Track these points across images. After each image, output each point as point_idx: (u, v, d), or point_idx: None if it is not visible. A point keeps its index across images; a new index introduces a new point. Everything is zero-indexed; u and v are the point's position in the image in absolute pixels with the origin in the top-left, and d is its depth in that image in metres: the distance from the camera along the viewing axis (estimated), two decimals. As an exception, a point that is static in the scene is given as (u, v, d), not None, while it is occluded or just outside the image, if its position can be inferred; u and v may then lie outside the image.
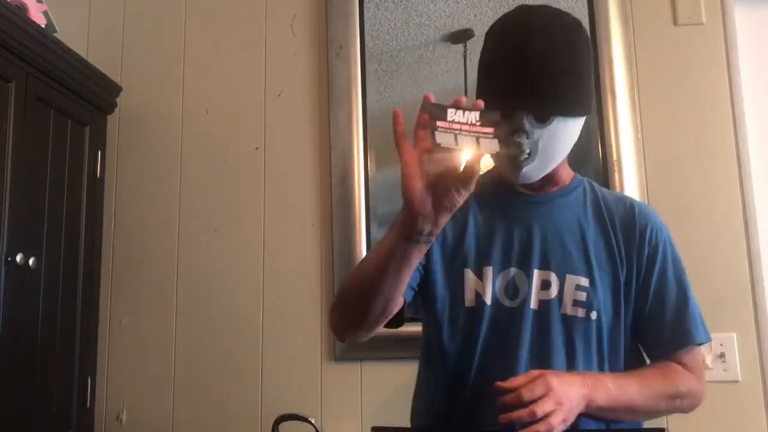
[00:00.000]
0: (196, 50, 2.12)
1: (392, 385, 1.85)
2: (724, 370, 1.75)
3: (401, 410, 1.82)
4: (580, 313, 1.10)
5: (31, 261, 1.63)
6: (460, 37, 1.98)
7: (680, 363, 1.14)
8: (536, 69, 1.04)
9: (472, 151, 0.84)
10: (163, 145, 2.08)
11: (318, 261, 1.95)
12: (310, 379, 1.90)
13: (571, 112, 1.07)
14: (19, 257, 1.59)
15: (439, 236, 1.07)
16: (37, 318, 1.69)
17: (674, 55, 1.90)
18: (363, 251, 1.91)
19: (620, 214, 1.17)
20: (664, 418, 1.75)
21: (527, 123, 1.04)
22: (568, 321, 1.10)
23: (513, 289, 1.11)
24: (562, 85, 1.05)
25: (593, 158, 1.89)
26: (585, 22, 1.92)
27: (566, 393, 0.95)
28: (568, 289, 1.10)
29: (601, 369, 1.10)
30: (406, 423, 1.38)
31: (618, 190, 1.83)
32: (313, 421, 1.80)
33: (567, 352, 1.09)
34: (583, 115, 1.10)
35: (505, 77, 1.06)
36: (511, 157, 1.06)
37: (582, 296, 1.10)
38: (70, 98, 1.86)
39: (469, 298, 1.11)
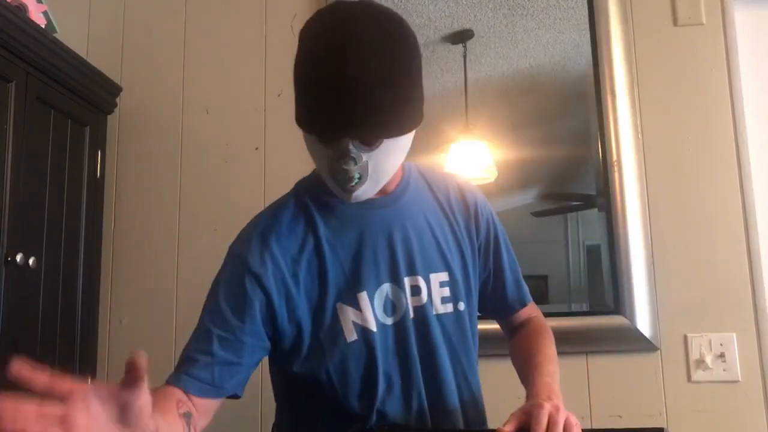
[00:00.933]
0: (196, 50, 2.12)
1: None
2: (724, 370, 1.75)
3: (401, 410, 1.82)
4: (450, 308, 1.11)
5: (31, 261, 1.63)
6: (460, 37, 1.98)
7: (527, 315, 1.27)
8: (359, 95, 0.90)
9: None
10: (163, 145, 2.08)
11: (318, 261, 1.95)
12: (310, 379, 1.89)
13: (400, 131, 0.98)
14: (19, 257, 1.59)
15: (293, 283, 1.02)
16: (37, 318, 1.69)
17: (674, 56, 1.90)
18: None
19: (452, 196, 1.18)
20: (664, 417, 1.76)
21: (353, 148, 0.94)
22: (441, 320, 1.11)
23: (391, 306, 1.07)
24: (389, 109, 0.94)
25: (593, 158, 1.89)
26: (585, 22, 1.92)
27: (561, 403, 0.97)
28: (434, 288, 1.10)
29: (474, 355, 1.16)
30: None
31: (618, 190, 1.84)
32: (313, 421, 1.80)
33: (449, 350, 1.11)
34: (414, 128, 1.02)
35: (325, 102, 0.92)
36: (341, 182, 0.97)
37: (446, 291, 1.11)
38: (70, 98, 1.86)
39: (348, 333, 1.03)
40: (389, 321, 1.07)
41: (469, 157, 1.96)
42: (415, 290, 1.09)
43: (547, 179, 1.94)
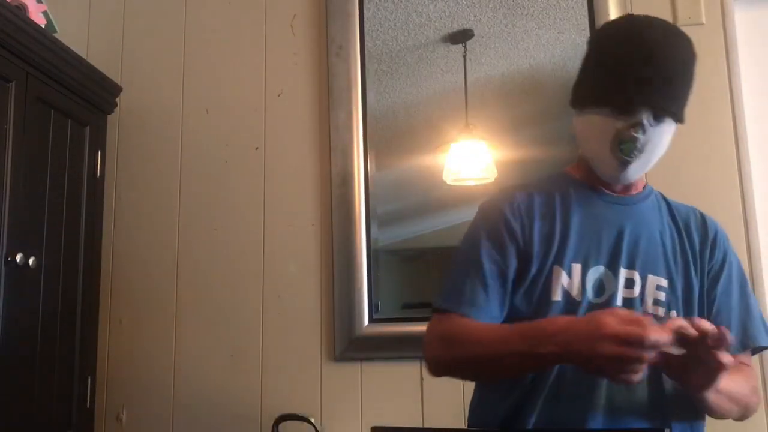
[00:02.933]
0: (196, 50, 2.12)
1: (392, 385, 1.85)
2: (724, 370, 1.74)
3: (401, 410, 1.82)
4: (660, 312, 1.13)
5: (31, 261, 1.63)
6: (460, 37, 1.98)
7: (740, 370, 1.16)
8: (658, 67, 1.08)
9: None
10: (163, 145, 2.08)
11: (318, 261, 1.95)
12: (310, 379, 1.90)
13: (679, 115, 1.13)
14: (19, 257, 1.59)
15: (533, 233, 1.16)
16: (37, 318, 1.69)
17: (674, 55, 1.90)
18: (363, 251, 1.91)
19: (692, 221, 1.23)
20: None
21: (645, 120, 1.08)
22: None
23: (599, 287, 1.13)
24: (677, 87, 1.11)
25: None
26: (584, 23, 1.92)
27: None
28: (650, 288, 1.14)
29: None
30: (406, 423, 1.38)
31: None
32: (313, 421, 1.80)
33: None
34: (680, 122, 1.15)
35: (627, 75, 1.09)
36: (626, 151, 1.10)
37: (661, 296, 1.14)
38: (70, 98, 1.86)
39: (556, 293, 1.12)
40: (594, 299, 1.13)
41: (469, 157, 1.96)
42: (629, 283, 1.14)
43: (547, 179, 1.94)
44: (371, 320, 1.89)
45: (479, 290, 1.13)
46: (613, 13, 1.90)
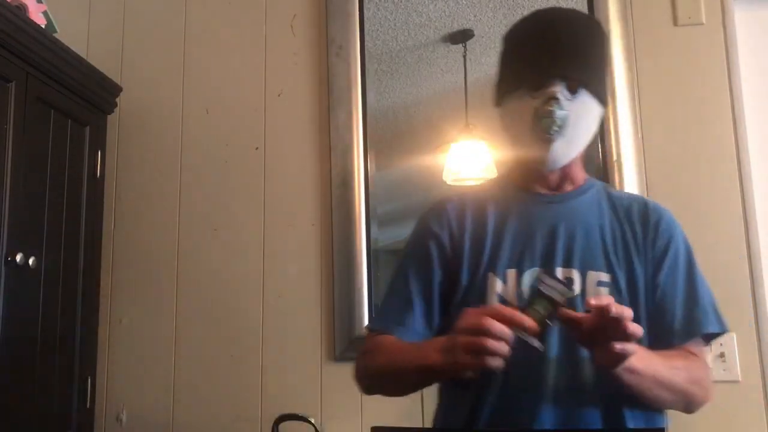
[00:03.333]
0: (196, 50, 2.12)
1: (392, 385, 1.85)
2: (724, 370, 1.75)
3: (401, 410, 1.82)
4: None
5: (30, 261, 1.63)
6: (460, 37, 1.98)
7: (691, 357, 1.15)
8: (567, 38, 1.10)
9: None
10: (163, 145, 2.08)
11: (318, 261, 1.95)
12: (310, 379, 1.90)
13: (596, 87, 1.13)
14: (18, 257, 1.59)
15: (463, 243, 1.17)
16: (37, 318, 1.69)
17: (674, 56, 1.90)
18: (363, 251, 1.91)
19: (635, 210, 1.19)
20: (664, 418, 1.75)
21: (559, 92, 1.08)
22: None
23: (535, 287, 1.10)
24: (589, 58, 1.12)
25: (593, 158, 1.89)
26: (585, 22, 1.92)
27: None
28: (590, 285, 1.11)
29: None
30: (406, 423, 1.38)
31: (618, 189, 1.83)
32: (313, 421, 1.80)
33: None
34: (602, 103, 1.15)
35: (536, 49, 1.11)
36: (545, 127, 1.09)
37: (603, 291, 1.11)
38: (70, 98, 1.86)
39: (492, 301, 1.11)
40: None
41: (469, 157, 1.96)
42: (568, 282, 1.09)
43: (547, 179, 1.94)
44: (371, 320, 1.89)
45: (404, 310, 1.16)
46: (613, 13, 1.90)
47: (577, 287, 1.10)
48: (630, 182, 1.84)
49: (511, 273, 1.12)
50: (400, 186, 2.02)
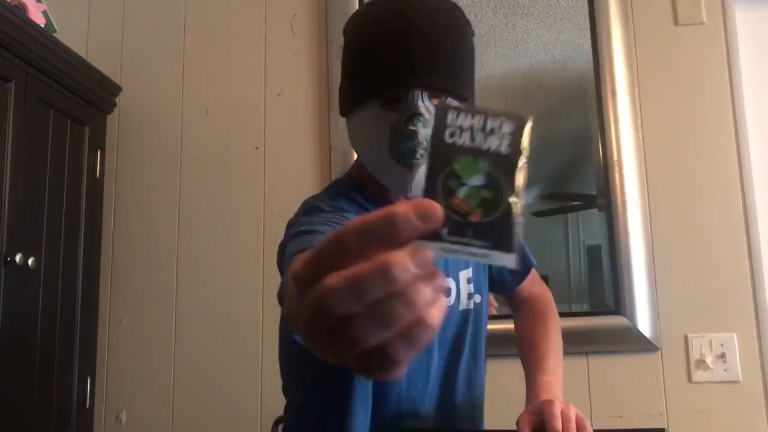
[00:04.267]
0: (196, 50, 2.12)
1: (392, 385, 1.85)
2: (724, 370, 1.75)
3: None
4: (471, 304, 1.11)
5: (30, 261, 1.63)
6: (460, 36, 1.97)
7: (529, 285, 1.25)
8: (426, 33, 0.89)
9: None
10: (163, 145, 2.08)
11: (318, 261, 1.94)
12: (310, 380, 1.89)
13: (464, 93, 0.94)
14: (18, 257, 1.59)
15: None
16: (37, 318, 1.69)
17: (675, 55, 1.90)
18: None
19: None
20: (664, 417, 1.75)
21: (422, 105, 0.89)
22: (464, 316, 1.10)
23: None
24: (453, 60, 0.92)
25: (593, 158, 1.89)
26: (585, 22, 1.92)
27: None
28: (463, 286, 1.09)
29: (483, 347, 1.14)
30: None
31: (618, 189, 1.83)
32: (313, 422, 1.79)
33: (469, 345, 1.10)
34: None
35: (390, 54, 0.90)
36: (406, 152, 0.89)
37: (471, 288, 1.11)
38: (69, 98, 1.85)
39: None
40: None
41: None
42: (447, 292, 1.07)
43: (547, 179, 1.94)
44: (371, 320, 1.88)
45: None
46: (614, 12, 1.90)
47: (453, 296, 1.08)
48: (630, 182, 1.83)
49: None
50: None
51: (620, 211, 1.82)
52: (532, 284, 1.28)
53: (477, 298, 1.12)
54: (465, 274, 1.11)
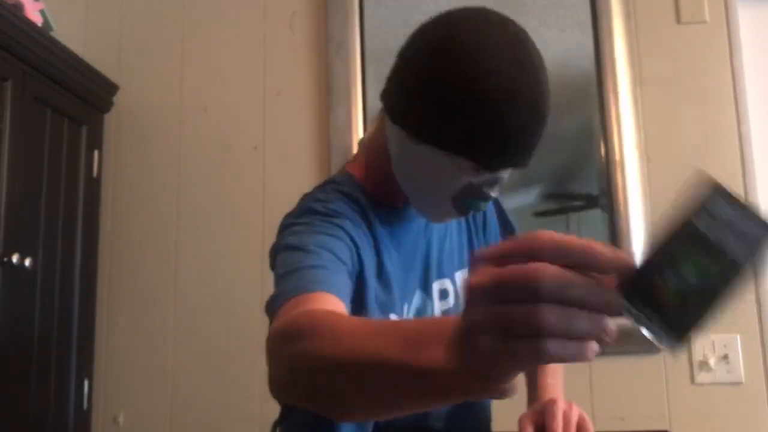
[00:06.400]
0: (195, 49, 2.11)
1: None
2: (727, 371, 1.74)
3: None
4: None
5: (27, 261, 1.62)
6: (461, 35, 1.96)
7: None
8: (541, 131, 0.86)
9: None
10: (161, 145, 2.07)
11: (317, 261, 1.94)
12: (310, 381, 1.88)
13: None
14: (15, 258, 1.58)
15: (370, 278, 0.91)
16: (34, 319, 1.68)
17: (677, 54, 1.89)
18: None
19: None
20: (667, 419, 1.75)
21: (505, 176, 0.90)
22: None
23: (419, 314, 1.01)
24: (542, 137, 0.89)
25: (595, 157, 1.88)
26: (587, 20, 1.92)
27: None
28: (460, 286, 1.06)
29: None
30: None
31: (620, 189, 1.83)
32: (312, 424, 1.79)
33: None
34: None
35: (513, 135, 0.83)
36: (473, 206, 0.92)
37: None
38: (66, 97, 1.84)
39: None
40: None
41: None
42: (443, 294, 1.05)
43: (549, 179, 1.93)
44: (371, 321, 1.87)
45: (334, 269, 0.82)
46: (617, 10, 1.89)
47: (451, 298, 1.05)
48: (632, 181, 1.83)
49: (404, 309, 0.98)
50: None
51: (622, 210, 1.82)
52: None
53: None
54: (461, 275, 1.08)
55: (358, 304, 0.87)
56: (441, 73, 0.83)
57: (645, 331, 0.42)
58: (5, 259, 1.55)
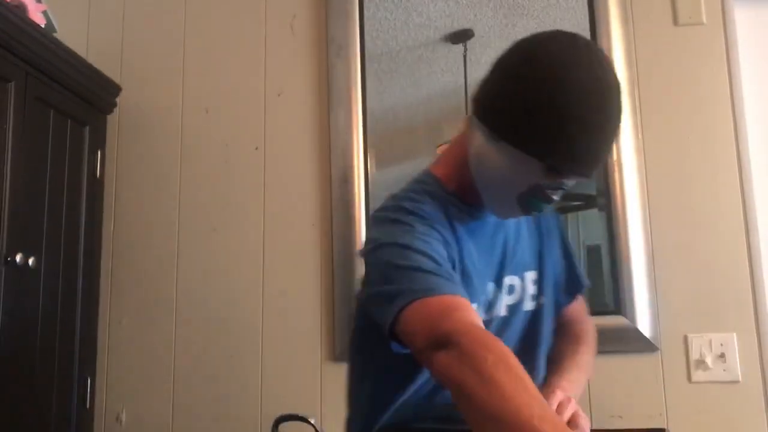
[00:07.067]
0: (196, 50, 2.12)
1: (392, 385, 1.85)
2: (724, 370, 1.75)
3: (401, 410, 1.82)
4: (533, 306, 1.14)
5: (30, 261, 1.63)
6: (460, 37, 1.97)
7: (576, 309, 1.27)
8: (610, 143, 0.97)
9: None
10: (163, 145, 2.08)
11: (318, 261, 1.95)
12: (310, 379, 1.90)
13: None
14: (18, 257, 1.59)
15: (456, 273, 0.99)
16: (37, 318, 1.69)
17: (675, 55, 1.90)
18: (363, 251, 1.91)
19: None
20: (664, 417, 1.75)
21: (569, 184, 0.99)
22: (530, 316, 1.14)
23: (489, 305, 1.08)
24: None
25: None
26: (585, 22, 1.93)
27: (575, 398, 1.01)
28: (527, 286, 1.14)
29: (542, 349, 1.15)
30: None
31: (618, 190, 1.84)
32: (313, 421, 1.80)
33: (526, 346, 1.12)
34: None
35: (584, 144, 0.93)
36: (536, 207, 1.01)
37: (535, 289, 1.14)
38: (69, 98, 1.85)
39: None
40: (485, 317, 1.07)
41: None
42: (511, 289, 1.11)
43: (547, 179, 1.94)
44: (371, 320, 1.88)
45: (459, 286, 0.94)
46: (613, 13, 1.90)
47: (518, 294, 1.12)
48: (630, 183, 1.84)
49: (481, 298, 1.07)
50: (400, 186, 2.01)
51: (620, 211, 1.83)
52: (579, 311, 1.29)
53: (542, 299, 1.15)
54: (530, 276, 1.14)
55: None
56: (527, 80, 0.94)
57: None
58: (9, 259, 1.57)
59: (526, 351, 1.11)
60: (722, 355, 1.75)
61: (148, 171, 2.08)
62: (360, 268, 1.91)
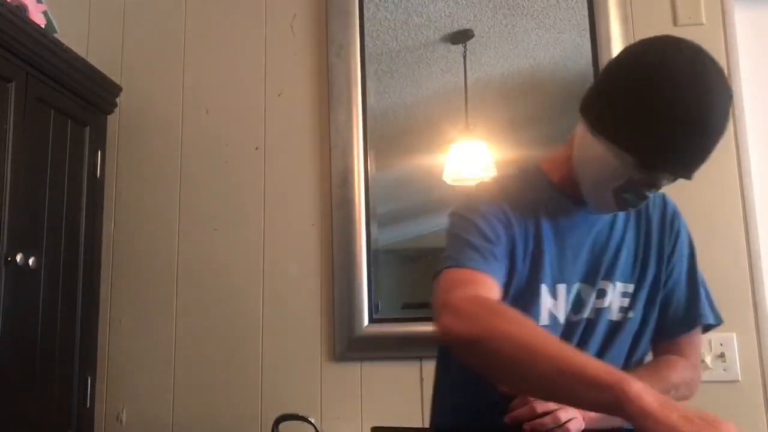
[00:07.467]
0: (196, 50, 2.12)
1: (392, 385, 1.85)
2: (724, 369, 1.75)
3: (401, 410, 1.82)
4: (621, 317, 1.13)
5: (31, 261, 1.63)
6: (460, 37, 1.98)
7: (677, 348, 1.18)
8: (709, 145, 0.99)
9: None
10: (163, 145, 2.08)
11: (318, 261, 1.95)
12: (310, 379, 1.90)
13: None
14: (19, 257, 1.59)
15: (518, 248, 1.08)
16: (37, 318, 1.69)
17: (674, 55, 1.90)
18: (363, 251, 1.91)
19: (655, 209, 1.21)
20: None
21: (666, 181, 1.02)
22: (612, 326, 1.13)
23: (578, 304, 1.11)
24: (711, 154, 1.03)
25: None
26: (585, 22, 1.93)
27: None
28: (618, 295, 1.13)
29: (627, 364, 1.14)
30: (406, 423, 1.38)
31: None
32: (313, 421, 1.80)
33: (608, 356, 1.11)
34: None
35: (682, 143, 0.96)
36: (630, 202, 1.04)
37: (625, 302, 1.14)
38: (70, 98, 1.86)
39: (543, 317, 1.08)
40: (572, 318, 1.11)
41: (469, 157, 1.96)
42: (601, 293, 1.12)
43: (547, 179, 1.94)
44: (371, 320, 1.89)
45: (498, 262, 1.03)
46: (613, 13, 1.90)
47: (608, 299, 1.12)
48: (630, 182, 1.84)
49: (561, 288, 1.10)
50: (400, 186, 2.02)
51: (620, 211, 1.83)
52: (689, 349, 1.19)
53: (630, 314, 1.13)
54: (622, 287, 1.13)
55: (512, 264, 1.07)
56: (628, 79, 0.98)
57: None
58: (9, 259, 1.57)
59: (612, 361, 1.07)
60: (722, 355, 1.75)
61: (148, 171, 2.08)
62: (360, 269, 1.91)
